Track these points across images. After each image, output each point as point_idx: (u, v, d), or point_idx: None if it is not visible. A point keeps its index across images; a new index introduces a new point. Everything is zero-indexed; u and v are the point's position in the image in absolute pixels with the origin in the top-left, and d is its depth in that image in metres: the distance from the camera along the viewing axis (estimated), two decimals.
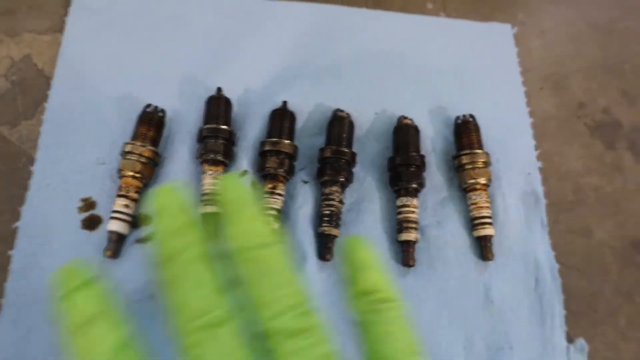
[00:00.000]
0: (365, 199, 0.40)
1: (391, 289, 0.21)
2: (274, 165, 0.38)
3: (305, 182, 0.40)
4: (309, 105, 0.42)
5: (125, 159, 0.37)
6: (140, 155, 0.37)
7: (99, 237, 0.38)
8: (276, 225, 0.37)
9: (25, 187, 0.39)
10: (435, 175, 0.41)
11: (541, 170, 0.43)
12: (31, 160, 0.40)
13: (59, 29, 0.45)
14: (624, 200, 0.43)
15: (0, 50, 0.44)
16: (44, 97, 0.42)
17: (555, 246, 0.40)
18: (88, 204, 0.38)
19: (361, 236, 0.22)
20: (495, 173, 0.41)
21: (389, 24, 0.47)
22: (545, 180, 0.43)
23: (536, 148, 0.44)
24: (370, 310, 0.20)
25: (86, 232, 0.38)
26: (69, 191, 0.39)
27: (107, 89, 0.42)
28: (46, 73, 0.43)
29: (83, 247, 0.37)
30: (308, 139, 0.41)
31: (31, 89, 0.43)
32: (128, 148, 0.38)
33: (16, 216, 0.38)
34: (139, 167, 0.37)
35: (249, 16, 0.45)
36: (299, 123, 0.41)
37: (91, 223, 0.38)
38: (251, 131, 0.41)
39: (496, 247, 0.39)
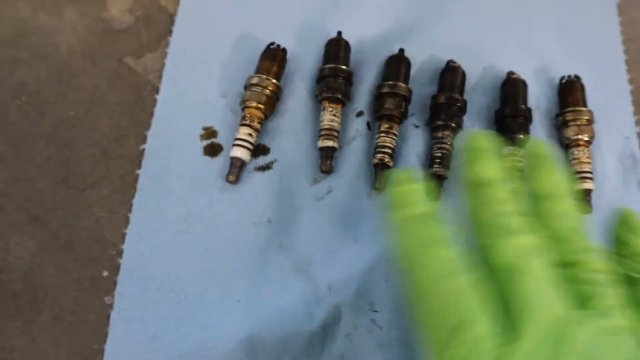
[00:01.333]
0: None
1: None
2: (391, 107, 0.39)
3: (417, 127, 0.41)
4: (422, 56, 0.43)
5: (250, 90, 0.39)
6: (265, 87, 0.39)
7: (219, 163, 0.40)
8: (391, 163, 0.39)
9: (150, 114, 0.41)
10: (537, 131, 0.42)
11: (639, 135, 0.44)
12: (155, 89, 0.42)
13: None
14: None
15: None
16: (167, 32, 0.44)
17: None
18: (209, 133, 0.40)
19: None
20: (595, 134, 0.42)
21: None
22: None
23: (635, 114, 0.45)
24: None
25: (207, 157, 0.40)
26: (191, 120, 0.41)
27: (227, 28, 0.44)
28: (169, 10, 0.45)
29: (205, 171, 0.39)
30: (419, 87, 0.42)
31: (154, 24, 0.45)
32: (254, 80, 0.39)
33: (142, 139, 0.40)
34: (263, 99, 0.39)
35: None
36: (412, 72, 0.42)
37: (212, 150, 0.40)
38: (366, 76, 0.42)
39: (593, 202, 0.40)
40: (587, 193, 0.40)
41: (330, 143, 0.39)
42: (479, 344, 0.19)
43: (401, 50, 0.42)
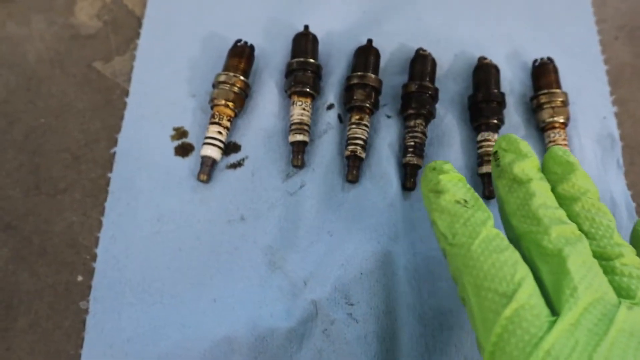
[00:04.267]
0: (446, 134, 0.41)
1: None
2: (361, 98, 0.39)
3: (389, 117, 0.41)
4: (391, 46, 0.43)
5: (218, 88, 0.39)
6: (233, 85, 0.39)
7: (191, 162, 0.39)
8: (363, 155, 0.38)
9: (120, 117, 0.41)
10: (512, 116, 0.42)
11: (616, 114, 0.43)
12: (125, 92, 0.42)
13: None
14: None
15: None
16: (135, 35, 0.44)
17: (630, 186, 0.41)
18: (180, 133, 0.40)
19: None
20: (571, 115, 0.42)
21: None
22: (620, 124, 0.43)
23: (611, 94, 0.44)
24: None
25: (179, 158, 0.39)
26: (161, 121, 0.40)
27: (195, 28, 0.44)
28: (136, 13, 0.45)
29: (177, 171, 0.39)
30: (390, 77, 0.42)
31: (122, 28, 0.45)
32: (221, 78, 0.39)
33: (113, 143, 0.40)
34: (231, 96, 0.39)
35: None
36: (382, 63, 0.42)
37: (184, 150, 0.40)
38: (335, 69, 0.42)
39: None
40: None
41: (300, 137, 0.38)
42: (532, 311, 0.20)
43: (369, 41, 0.41)
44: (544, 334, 0.20)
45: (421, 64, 0.41)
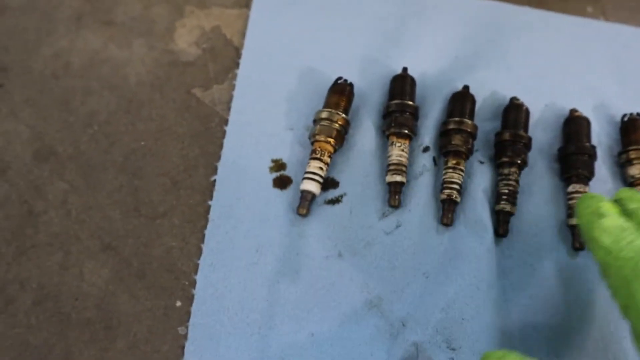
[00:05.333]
0: (536, 183, 0.42)
1: None
2: (458, 143, 0.40)
3: (482, 163, 0.42)
4: (482, 92, 0.44)
5: (320, 124, 0.40)
6: (335, 122, 0.40)
7: (289, 195, 0.40)
8: (459, 199, 0.39)
9: (219, 145, 0.42)
10: (600, 168, 0.43)
11: None
12: (223, 121, 0.43)
13: (244, 4, 0.48)
14: None
15: (191, 21, 0.47)
16: (233, 65, 0.45)
17: None
18: (279, 165, 0.41)
19: None
20: None
21: (552, 24, 0.49)
22: None
23: None
24: None
25: (277, 190, 0.40)
26: (260, 152, 0.41)
27: (292, 62, 0.45)
28: (235, 43, 0.46)
29: (275, 203, 0.40)
30: (481, 123, 0.43)
31: (221, 57, 0.46)
32: (324, 115, 0.40)
33: (213, 171, 0.41)
34: (334, 133, 0.40)
35: (420, 6, 0.48)
36: None
37: (282, 182, 0.40)
38: (430, 111, 0.43)
39: None
40: None
41: (399, 178, 0.39)
42: None
43: (466, 87, 0.42)
44: None
45: (515, 113, 0.42)
